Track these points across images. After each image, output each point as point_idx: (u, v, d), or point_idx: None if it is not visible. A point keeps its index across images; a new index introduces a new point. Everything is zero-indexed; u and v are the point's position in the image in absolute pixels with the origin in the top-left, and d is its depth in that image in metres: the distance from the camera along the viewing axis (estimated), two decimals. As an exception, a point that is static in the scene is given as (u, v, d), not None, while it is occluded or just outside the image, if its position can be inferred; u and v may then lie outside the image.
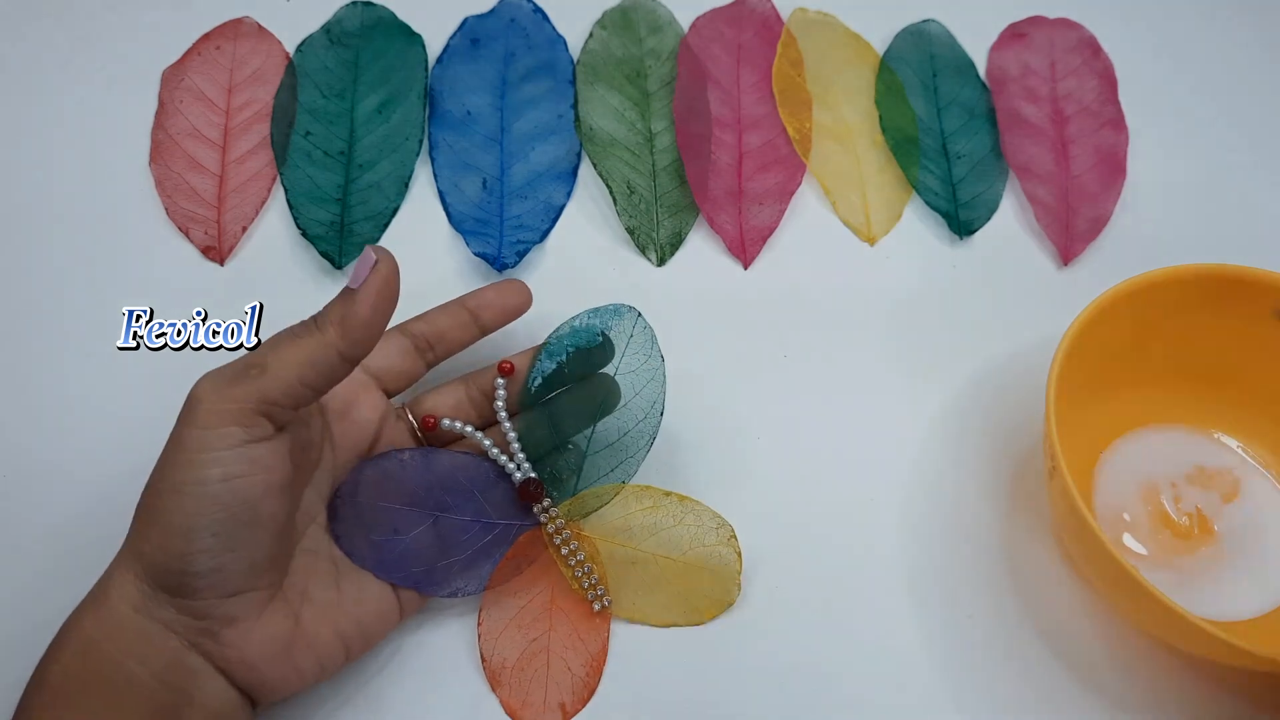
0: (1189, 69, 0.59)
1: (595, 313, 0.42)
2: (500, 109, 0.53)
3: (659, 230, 0.51)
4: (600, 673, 0.40)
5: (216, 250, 0.49)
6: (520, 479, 0.40)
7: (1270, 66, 0.59)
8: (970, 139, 0.54)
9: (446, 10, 0.56)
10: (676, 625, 0.41)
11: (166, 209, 0.49)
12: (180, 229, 0.49)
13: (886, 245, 0.52)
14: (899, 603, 0.42)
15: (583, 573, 0.40)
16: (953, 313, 0.50)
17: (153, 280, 0.48)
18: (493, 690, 0.39)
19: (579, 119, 0.53)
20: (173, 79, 0.53)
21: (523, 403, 0.41)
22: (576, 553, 0.40)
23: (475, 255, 0.49)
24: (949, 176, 0.53)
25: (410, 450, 0.40)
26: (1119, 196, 0.53)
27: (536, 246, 0.50)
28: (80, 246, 0.49)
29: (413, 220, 0.51)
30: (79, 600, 0.33)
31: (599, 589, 0.40)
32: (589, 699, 0.39)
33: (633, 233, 0.50)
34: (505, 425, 0.40)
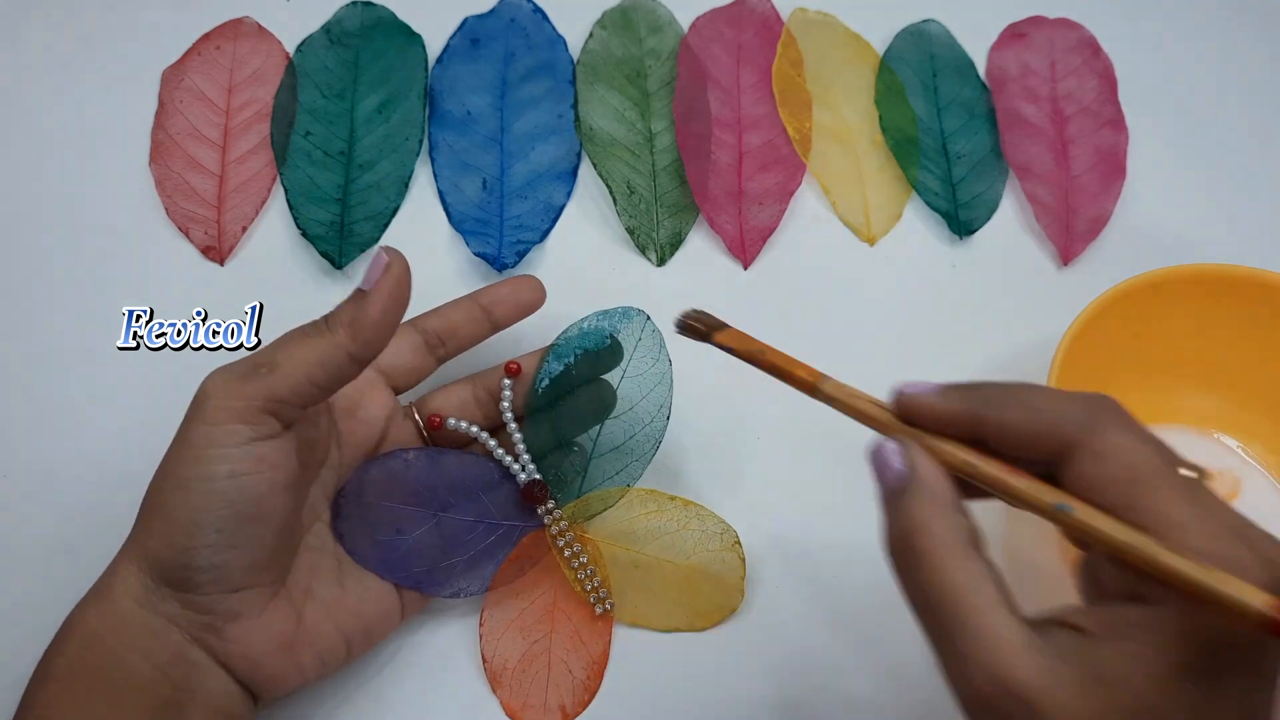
0: (1189, 69, 0.59)
1: (604, 315, 0.42)
2: (500, 109, 0.53)
3: (659, 230, 0.51)
4: (601, 676, 0.39)
5: (216, 250, 0.49)
6: (525, 480, 0.40)
7: (1270, 66, 0.59)
8: (970, 139, 0.54)
9: (446, 10, 0.56)
10: (679, 630, 0.40)
11: (166, 209, 0.49)
12: (180, 229, 0.49)
13: (886, 245, 0.52)
14: (900, 602, 0.42)
15: (585, 575, 0.40)
16: (953, 313, 0.50)
17: (153, 280, 0.48)
18: (493, 691, 0.39)
19: (579, 119, 0.53)
20: (173, 79, 0.53)
21: (529, 405, 0.41)
22: (579, 555, 0.40)
23: (475, 255, 0.49)
24: (949, 176, 0.53)
25: (415, 450, 0.40)
26: (1119, 196, 0.53)
27: (536, 246, 0.50)
28: (80, 246, 0.49)
29: (413, 220, 0.51)
30: (79, 599, 0.33)
31: (601, 592, 0.40)
32: (589, 702, 0.39)
33: (633, 233, 0.50)
34: (511, 426, 0.40)
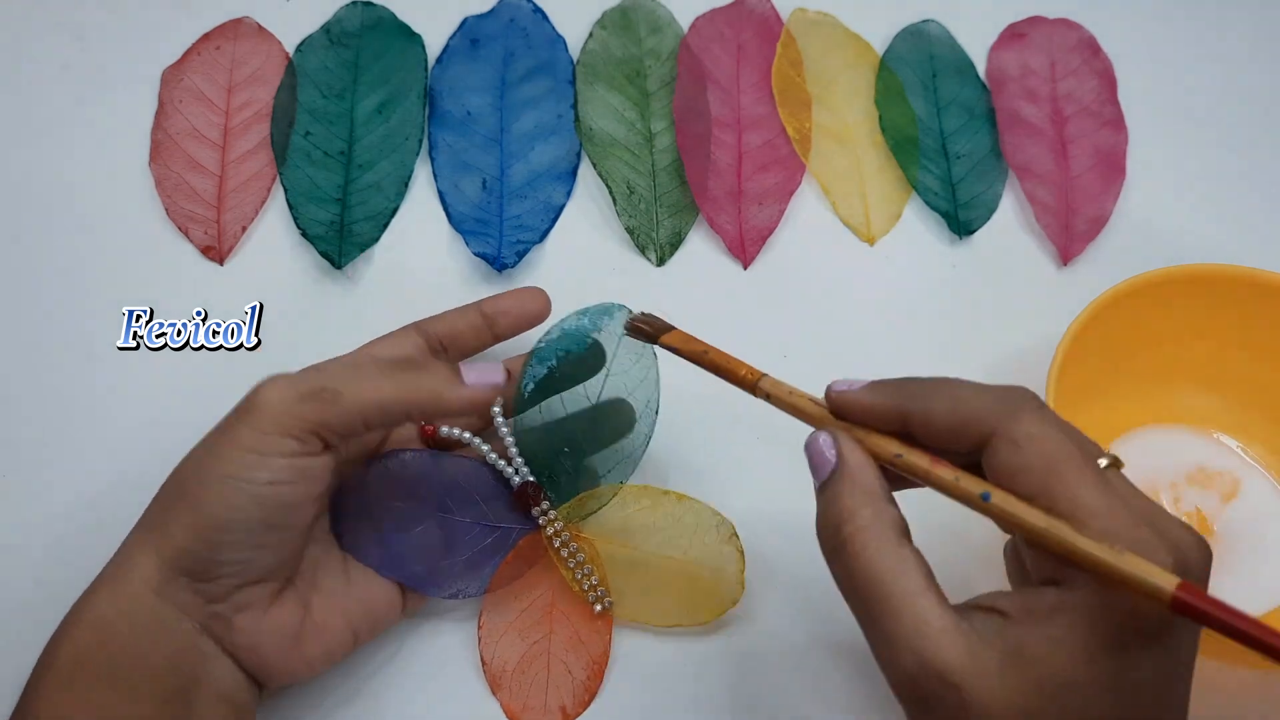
0: (1189, 69, 0.59)
1: (584, 313, 0.42)
2: (500, 109, 0.53)
3: (659, 230, 0.51)
4: (601, 675, 0.39)
5: (216, 250, 0.49)
6: (518, 483, 0.40)
7: (1269, 66, 0.59)
8: (970, 139, 0.54)
9: (446, 10, 0.56)
10: (680, 626, 0.40)
11: (166, 209, 0.49)
12: (180, 229, 0.49)
13: (886, 245, 0.52)
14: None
15: (583, 574, 0.40)
16: (952, 313, 0.50)
17: (153, 280, 0.48)
18: (493, 694, 0.39)
19: (579, 119, 0.53)
20: (173, 79, 0.53)
21: (517, 407, 0.41)
22: (576, 554, 0.40)
23: (475, 255, 0.49)
24: (949, 176, 0.53)
25: (412, 451, 0.40)
26: (1118, 196, 0.53)
27: (536, 246, 0.50)
28: (80, 246, 0.49)
29: (413, 220, 0.51)
30: (77, 599, 0.33)
31: (600, 590, 0.40)
32: (590, 702, 0.39)
33: (633, 233, 0.50)
34: (503, 430, 0.40)
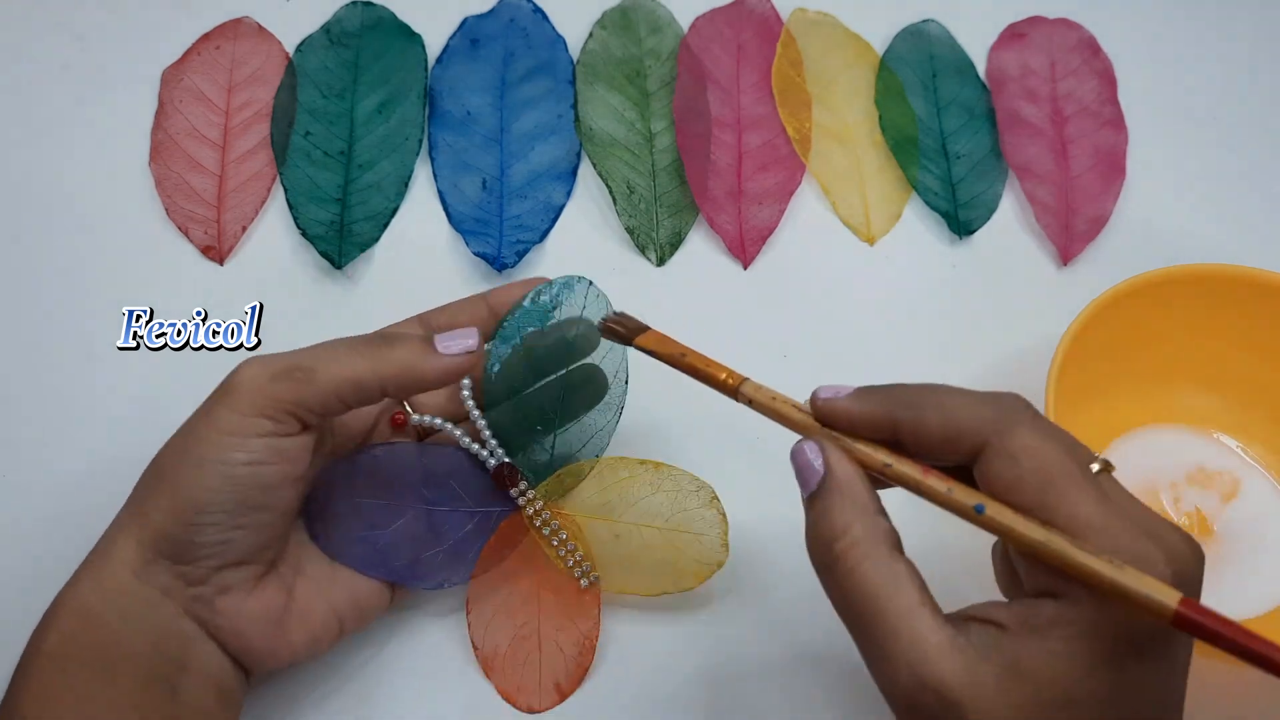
0: (1189, 69, 0.59)
1: (545, 288, 0.41)
2: (500, 109, 0.53)
3: (659, 230, 0.51)
4: (593, 649, 0.39)
5: (216, 250, 0.49)
6: (494, 465, 0.40)
7: (1269, 66, 0.59)
8: (970, 139, 0.54)
9: (446, 10, 0.56)
10: (667, 593, 0.40)
11: (166, 209, 0.50)
12: (180, 229, 0.49)
13: (886, 245, 0.52)
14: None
15: (567, 551, 0.40)
16: (952, 313, 0.50)
17: (153, 280, 0.48)
18: (486, 677, 0.39)
19: (579, 119, 0.53)
20: (173, 79, 0.53)
21: (486, 390, 0.40)
22: (559, 532, 0.40)
23: (475, 255, 0.49)
24: (949, 176, 0.53)
25: (382, 445, 0.39)
26: (1118, 196, 0.53)
27: (536, 246, 0.50)
28: (80, 246, 0.49)
29: (413, 220, 0.51)
30: (62, 587, 0.33)
31: (585, 566, 0.40)
32: (584, 678, 0.39)
33: (633, 233, 0.50)
34: (474, 414, 0.40)
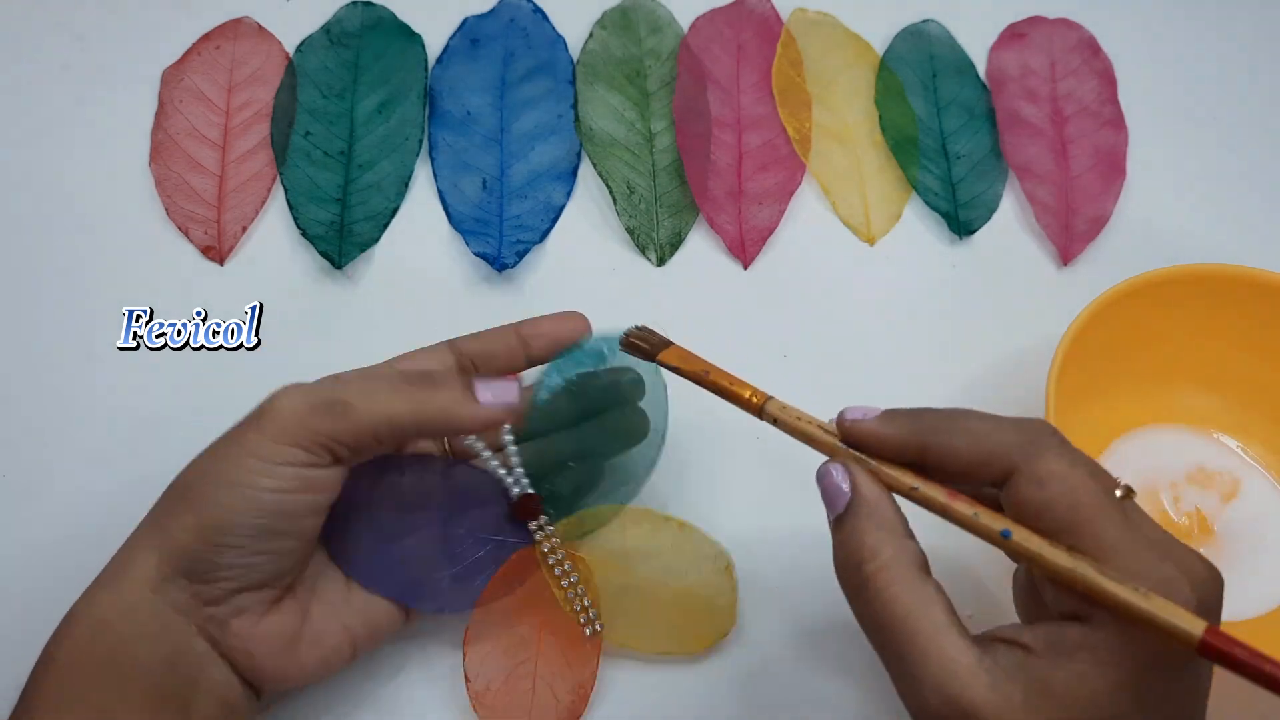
0: (1189, 69, 0.59)
1: (605, 338, 0.40)
2: (500, 109, 0.53)
3: (659, 230, 0.51)
4: (586, 701, 0.38)
5: (216, 250, 0.49)
6: (518, 494, 0.39)
7: (1269, 66, 0.59)
8: (970, 139, 0.54)
9: (446, 10, 0.56)
10: (669, 655, 0.39)
11: (166, 209, 0.50)
12: (180, 229, 0.49)
13: (886, 245, 0.52)
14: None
15: (575, 595, 0.38)
16: (952, 313, 0.50)
17: (153, 280, 0.48)
18: (475, 711, 0.38)
19: (579, 119, 0.53)
20: (173, 79, 0.53)
21: (530, 417, 0.39)
22: (570, 574, 0.39)
23: (475, 255, 0.49)
24: (949, 176, 0.53)
25: (409, 456, 0.39)
26: (1118, 196, 0.53)
27: (536, 246, 0.50)
28: (80, 246, 0.49)
29: (413, 220, 0.51)
30: (78, 598, 0.33)
31: (591, 613, 0.38)
32: None
33: (633, 233, 0.50)
34: (507, 439, 0.39)
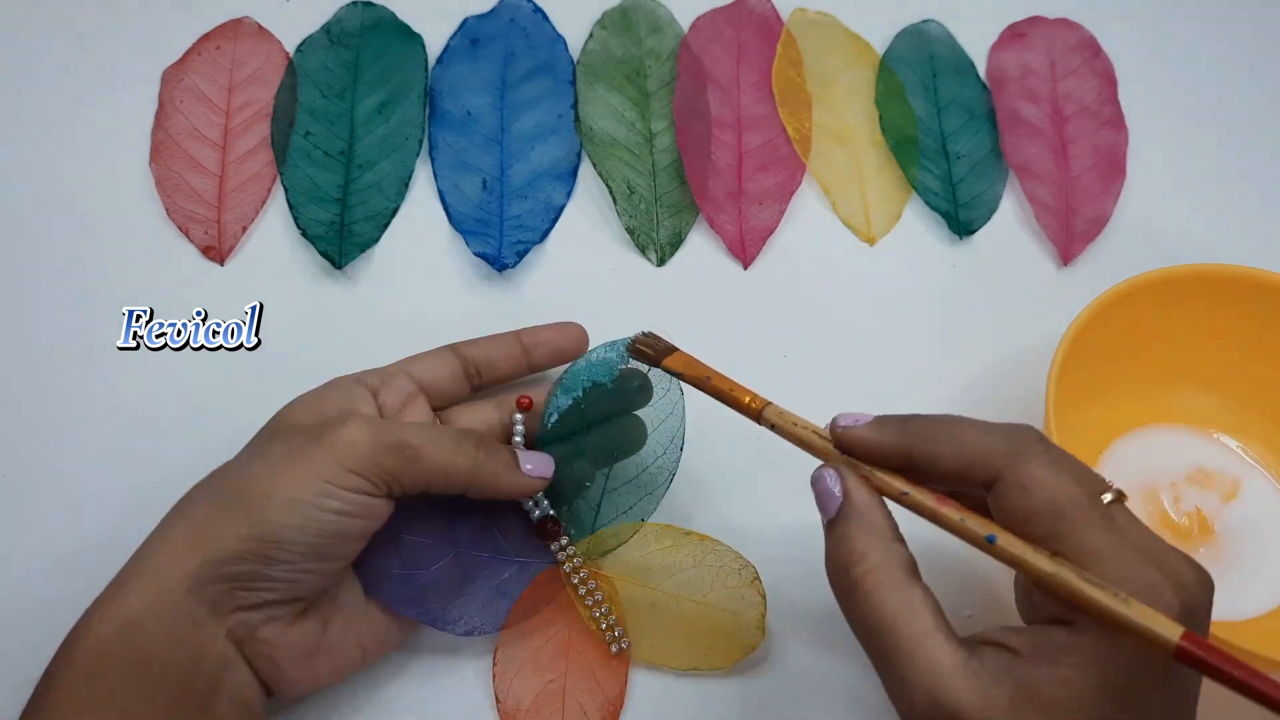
0: (1189, 69, 0.59)
1: (611, 346, 0.41)
2: (500, 109, 0.53)
3: (659, 230, 0.51)
4: (616, 717, 0.38)
5: (216, 250, 0.49)
6: (538, 516, 0.39)
7: (1269, 66, 0.59)
8: (970, 139, 0.54)
9: (446, 10, 0.56)
10: (698, 670, 0.39)
11: (166, 209, 0.50)
12: (180, 229, 0.49)
13: (886, 245, 0.52)
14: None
15: (601, 613, 0.39)
16: (952, 313, 0.50)
17: (153, 280, 0.48)
18: None
19: (579, 119, 0.53)
20: (173, 79, 0.53)
21: (540, 439, 0.40)
22: (594, 593, 0.39)
23: (475, 255, 0.49)
24: (949, 176, 0.53)
25: None
26: (1119, 196, 0.53)
27: (536, 246, 0.50)
28: (80, 246, 0.49)
29: (413, 220, 0.51)
30: (79, 599, 0.33)
31: (617, 630, 0.39)
32: None
33: (633, 233, 0.50)
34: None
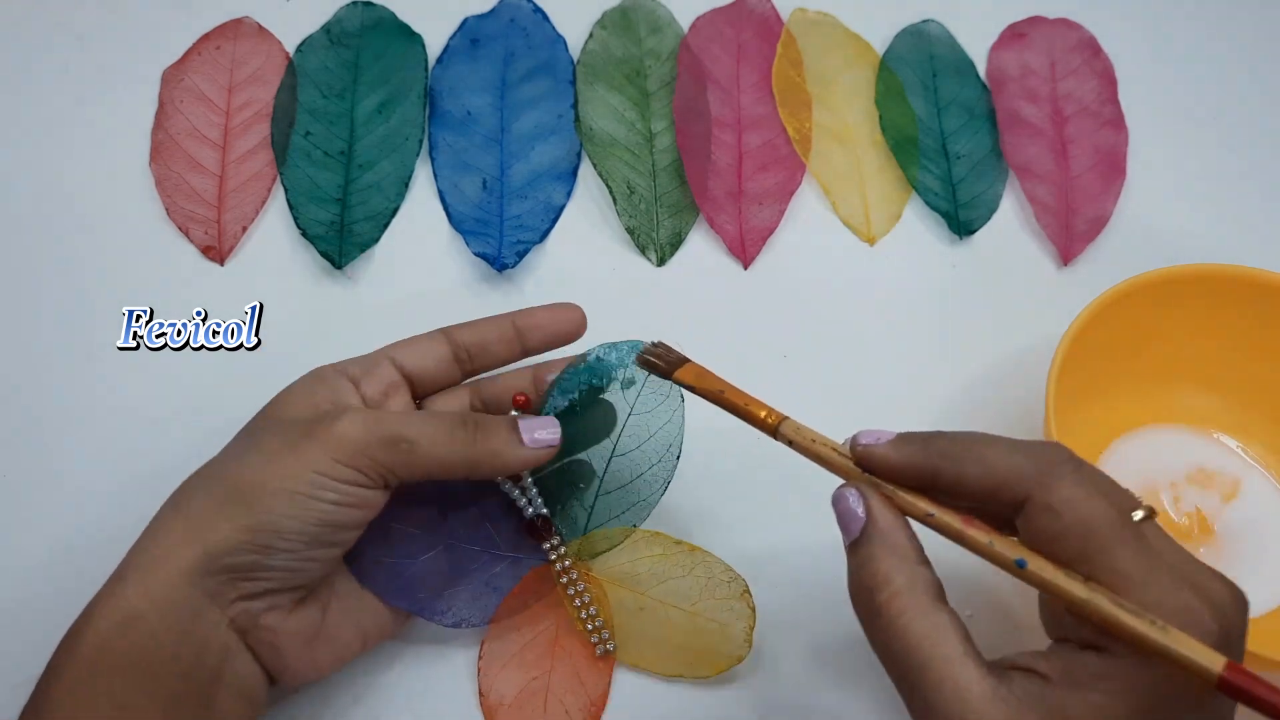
0: (1189, 69, 0.59)
1: (612, 347, 0.40)
2: (500, 109, 0.53)
3: (659, 230, 0.51)
4: (599, 718, 0.38)
5: (216, 250, 0.49)
6: (530, 515, 0.39)
7: (1269, 67, 0.59)
8: (970, 139, 0.54)
9: (446, 10, 0.56)
10: (682, 677, 0.39)
11: (166, 209, 0.50)
12: (180, 229, 0.49)
13: (886, 245, 0.52)
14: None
15: (588, 615, 0.39)
16: (952, 313, 0.50)
17: (153, 280, 0.48)
18: None
19: (579, 119, 0.53)
20: (173, 79, 0.53)
21: None
22: (583, 594, 0.39)
23: (475, 255, 0.49)
24: (949, 176, 0.53)
25: None
26: (1118, 196, 0.53)
27: (536, 246, 0.50)
28: (80, 246, 0.49)
29: (413, 220, 0.51)
30: (79, 599, 0.33)
31: (604, 633, 0.39)
32: None
33: (633, 233, 0.50)
34: None
